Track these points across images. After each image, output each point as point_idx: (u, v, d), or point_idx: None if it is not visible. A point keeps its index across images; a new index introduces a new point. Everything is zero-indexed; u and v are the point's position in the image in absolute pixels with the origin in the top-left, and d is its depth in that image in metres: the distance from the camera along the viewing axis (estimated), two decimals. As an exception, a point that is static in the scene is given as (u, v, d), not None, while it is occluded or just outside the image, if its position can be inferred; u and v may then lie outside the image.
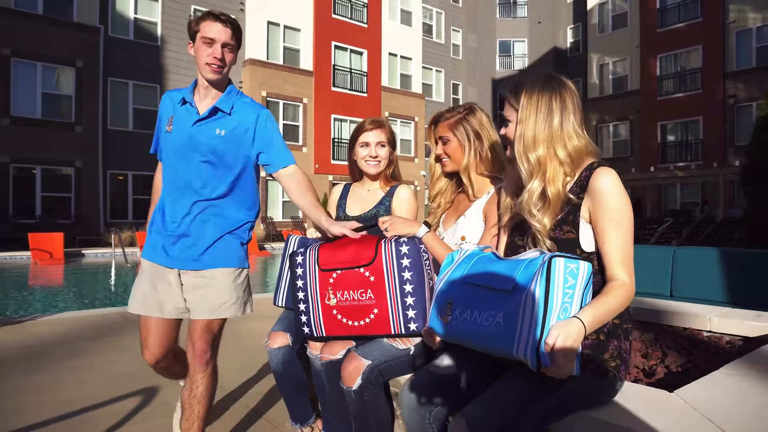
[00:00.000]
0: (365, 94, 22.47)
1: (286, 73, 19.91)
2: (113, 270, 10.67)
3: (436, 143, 1.84)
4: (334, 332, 1.52)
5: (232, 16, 1.79)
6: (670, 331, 2.23)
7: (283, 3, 19.94)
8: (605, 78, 25.84)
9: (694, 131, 21.92)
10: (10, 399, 2.70)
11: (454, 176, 1.86)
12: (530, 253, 1.25)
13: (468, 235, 1.69)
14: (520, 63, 30.29)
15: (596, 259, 1.33)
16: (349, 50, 22.02)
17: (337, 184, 2.33)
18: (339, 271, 1.48)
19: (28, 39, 14.81)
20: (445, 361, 1.40)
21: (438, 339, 1.38)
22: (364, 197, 2.07)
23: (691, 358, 1.89)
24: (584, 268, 1.17)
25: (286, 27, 20.12)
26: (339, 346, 1.63)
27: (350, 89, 21.98)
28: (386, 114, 23.27)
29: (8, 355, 3.48)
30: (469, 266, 1.31)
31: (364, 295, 1.45)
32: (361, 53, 22.50)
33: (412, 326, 1.46)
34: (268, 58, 19.52)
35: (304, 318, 1.53)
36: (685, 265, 3.47)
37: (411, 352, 1.55)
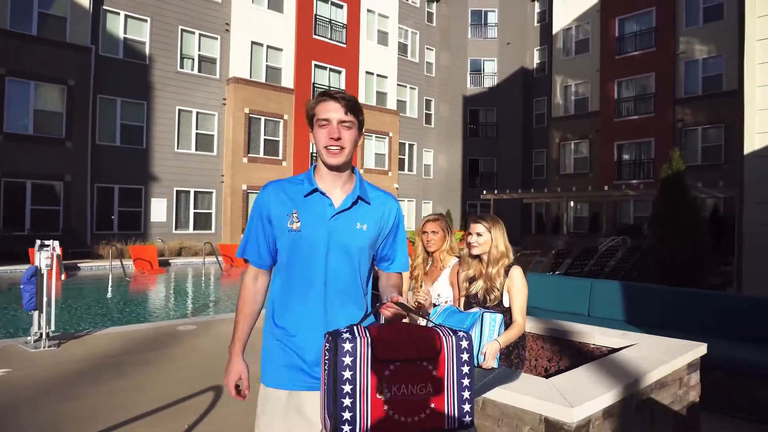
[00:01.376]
0: (343, 111, 23.60)
1: (269, 90, 20.91)
2: (110, 283, 11.55)
3: (424, 234, 3.01)
4: (381, 430, 1.35)
5: (348, 94, 1.67)
6: (570, 344, 3.47)
7: (267, 24, 20.96)
8: (568, 99, 27.48)
9: (646, 151, 23.76)
10: (106, 399, 3.76)
11: (428, 255, 3.04)
12: (474, 309, 2.47)
13: (441, 292, 2.89)
14: (490, 81, 31.89)
15: (510, 311, 2.54)
16: (328, 69, 23.14)
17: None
18: (398, 363, 1.34)
19: (22, 58, 15.48)
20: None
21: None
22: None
23: (577, 361, 3.11)
24: (499, 318, 2.39)
25: (269, 47, 21.13)
26: None
27: (329, 106, 23.08)
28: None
29: (85, 365, 4.51)
30: (445, 315, 2.52)
31: (423, 389, 1.35)
32: (339, 72, 23.65)
33: (467, 419, 1.40)
34: (251, 77, 20.50)
35: (347, 415, 1.31)
36: (598, 293, 4.76)
37: None
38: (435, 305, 2.66)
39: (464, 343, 1.41)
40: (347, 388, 1.32)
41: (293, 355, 1.60)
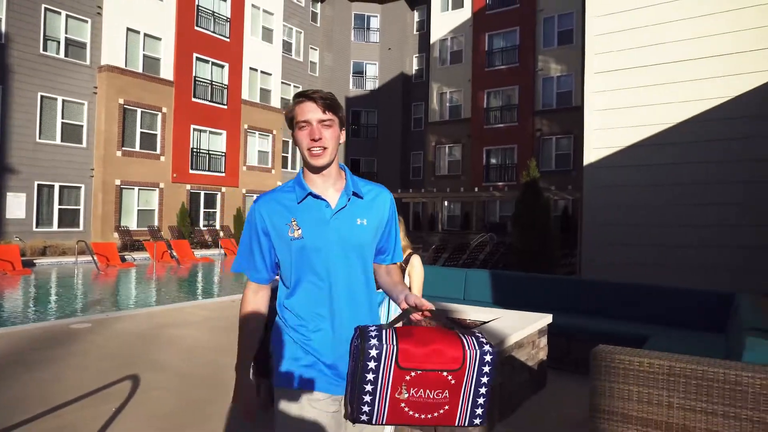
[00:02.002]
0: (225, 107, 23.19)
1: (146, 81, 19.96)
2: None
3: None
4: (395, 422, 1.46)
5: (326, 91, 1.65)
6: (451, 320, 4.24)
7: (144, 11, 19.96)
8: (444, 105, 29.38)
9: (510, 157, 26.33)
10: (25, 391, 3.83)
11: None
12: (380, 290, 3.09)
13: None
14: (371, 84, 33.06)
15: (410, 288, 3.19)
16: (210, 63, 22.59)
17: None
18: (419, 372, 1.40)
19: None
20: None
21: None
22: None
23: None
24: (402, 295, 3.03)
25: (146, 35, 20.14)
26: None
27: (211, 101, 22.55)
28: (245, 126, 24.20)
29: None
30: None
31: (440, 394, 1.43)
32: (222, 66, 23.19)
33: (476, 421, 1.48)
34: (126, 66, 19.41)
35: (366, 408, 1.42)
36: (472, 280, 5.67)
37: None
38: None
39: (488, 358, 1.45)
40: (368, 387, 1.41)
41: (312, 358, 1.60)
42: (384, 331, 1.44)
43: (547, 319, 4.09)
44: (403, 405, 1.42)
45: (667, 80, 7.06)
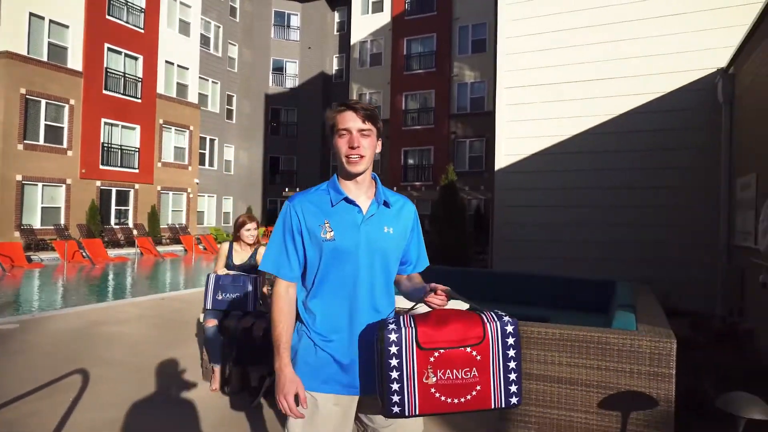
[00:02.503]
0: (139, 100, 22.35)
1: (51, 71, 18.84)
2: None
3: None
4: (429, 410, 1.43)
5: (368, 103, 1.69)
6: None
7: (49, -4, 18.83)
8: (363, 106, 30.01)
9: (427, 158, 27.47)
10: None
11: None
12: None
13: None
14: (291, 82, 33.00)
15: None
16: (123, 54, 21.68)
17: (223, 242, 4.25)
18: (442, 351, 1.42)
19: None
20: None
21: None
22: (240, 252, 4.09)
23: (390, 319, 4.42)
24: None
25: (52, 21, 19.00)
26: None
27: (124, 94, 21.65)
28: (161, 121, 23.45)
29: None
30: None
31: (468, 373, 1.42)
32: (136, 58, 22.32)
33: (513, 400, 1.46)
34: (29, 53, 18.22)
35: (396, 398, 1.41)
36: (399, 274, 6.28)
37: None
38: None
39: (509, 328, 1.46)
40: (394, 374, 1.41)
41: (330, 359, 1.63)
42: (401, 317, 1.50)
43: (464, 306, 4.73)
44: (433, 390, 1.42)
45: (567, 97, 8.06)
